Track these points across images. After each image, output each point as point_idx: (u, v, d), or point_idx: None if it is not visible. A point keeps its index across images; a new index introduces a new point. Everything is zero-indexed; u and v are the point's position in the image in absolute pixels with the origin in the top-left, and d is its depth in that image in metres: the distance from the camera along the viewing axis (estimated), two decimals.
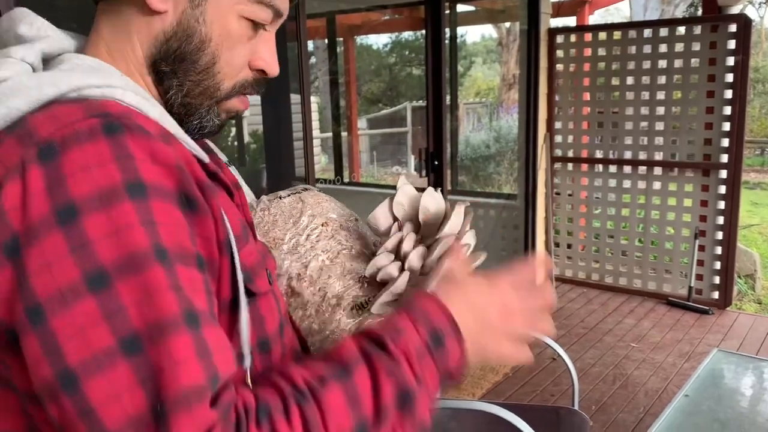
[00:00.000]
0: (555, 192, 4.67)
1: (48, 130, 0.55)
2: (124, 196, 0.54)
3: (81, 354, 0.51)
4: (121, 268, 0.52)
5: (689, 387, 1.81)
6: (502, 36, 9.86)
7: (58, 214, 0.53)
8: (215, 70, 0.69)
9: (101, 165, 0.54)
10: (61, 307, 0.51)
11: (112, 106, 0.59)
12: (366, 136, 10.41)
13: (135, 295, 0.52)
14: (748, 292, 5.17)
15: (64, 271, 0.52)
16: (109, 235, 0.53)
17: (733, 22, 3.87)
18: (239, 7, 0.68)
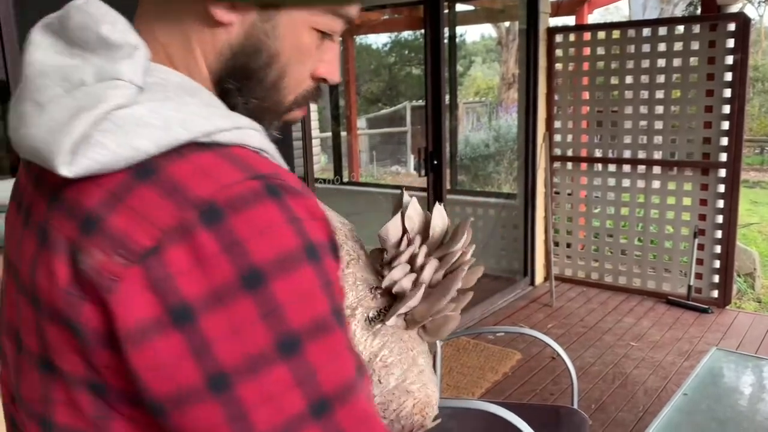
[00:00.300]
0: (554, 191, 4.67)
1: (205, 190, 0.51)
2: (303, 260, 0.52)
3: (273, 421, 0.50)
4: (310, 332, 0.52)
5: (688, 386, 1.81)
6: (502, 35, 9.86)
7: (244, 279, 0.50)
8: (281, 86, 0.64)
9: (276, 228, 0.51)
10: (251, 373, 0.50)
11: (259, 163, 0.55)
12: (365, 135, 10.41)
13: (322, 358, 0.52)
14: (748, 291, 5.18)
15: (254, 337, 0.50)
16: (297, 299, 0.51)
17: (732, 21, 3.88)
18: (313, 19, 0.62)
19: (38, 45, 0.59)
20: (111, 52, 0.56)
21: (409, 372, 0.95)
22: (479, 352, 3.52)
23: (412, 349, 0.97)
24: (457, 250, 1.00)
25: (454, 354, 3.49)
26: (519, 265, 4.68)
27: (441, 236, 1.03)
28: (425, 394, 0.95)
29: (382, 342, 0.95)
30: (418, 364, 0.97)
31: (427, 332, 1.02)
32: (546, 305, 4.29)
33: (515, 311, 4.20)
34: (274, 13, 0.60)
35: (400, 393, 0.93)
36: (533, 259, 4.63)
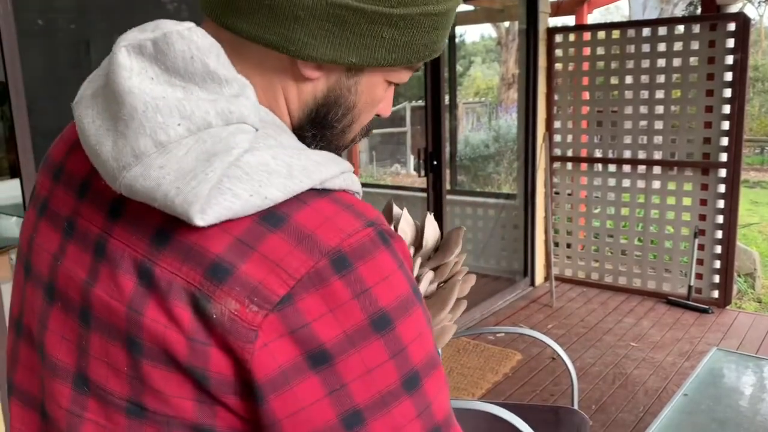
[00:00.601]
0: (554, 191, 4.67)
1: (333, 239, 0.53)
2: (415, 302, 0.56)
3: None
4: (426, 367, 0.56)
5: (688, 386, 1.81)
6: (501, 35, 9.86)
7: (373, 324, 0.53)
8: (350, 130, 0.67)
9: (394, 275, 0.55)
10: (382, 409, 0.53)
11: (368, 210, 0.58)
12: None
13: (435, 390, 0.57)
14: (748, 291, 5.17)
15: (385, 376, 0.53)
16: (416, 339, 0.55)
17: (732, 21, 3.87)
18: (390, 74, 0.65)
19: (130, 69, 0.55)
20: (220, 87, 0.55)
21: None
22: (479, 352, 3.52)
23: None
24: (452, 261, 1.02)
25: (454, 355, 3.48)
26: (519, 265, 4.67)
27: (434, 246, 1.05)
28: None
29: None
30: None
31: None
32: (546, 305, 4.28)
33: (515, 311, 4.19)
34: (359, 72, 0.62)
35: None
36: (533, 260, 4.62)
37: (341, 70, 0.61)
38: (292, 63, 0.59)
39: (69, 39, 3.72)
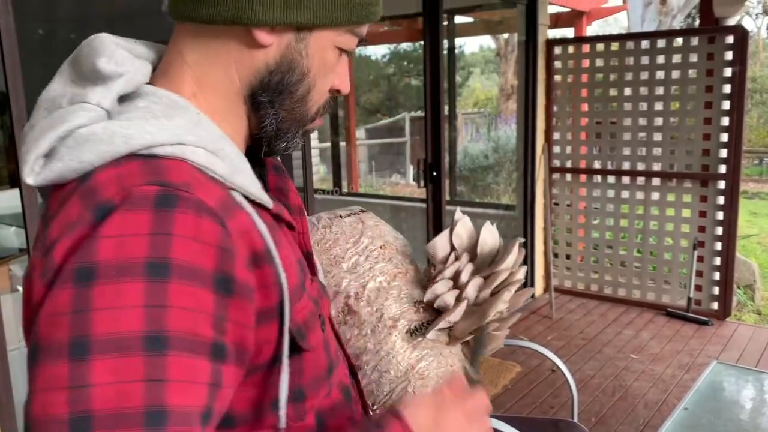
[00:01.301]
0: (554, 202, 4.67)
1: (108, 191, 0.57)
2: (140, 274, 0.53)
3: (35, 410, 0.50)
4: (104, 344, 0.51)
5: (689, 400, 1.80)
6: (501, 47, 9.90)
7: (77, 271, 0.53)
8: (308, 98, 0.72)
9: (133, 237, 0.54)
10: (44, 358, 0.52)
11: (177, 172, 0.59)
12: (364, 146, 10.42)
13: (105, 376, 0.51)
14: (748, 303, 5.16)
15: (56, 326, 0.52)
16: (106, 309, 0.52)
17: (730, 34, 3.89)
18: (336, 39, 0.70)
19: (60, 74, 0.67)
20: (104, 82, 0.64)
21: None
22: None
23: (452, 365, 0.98)
24: (503, 270, 1.00)
25: None
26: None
27: (491, 255, 1.03)
28: None
29: (420, 354, 0.96)
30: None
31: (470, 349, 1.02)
32: (546, 317, 4.27)
33: (515, 323, 4.18)
34: (307, 35, 0.68)
35: None
36: (533, 271, 4.62)
37: (291, 36, 0.67)
38: (246, 34, 0.66)
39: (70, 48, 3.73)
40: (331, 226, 1.02)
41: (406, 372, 0.95)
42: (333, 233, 1.00)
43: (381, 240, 1.01)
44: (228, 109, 0.70)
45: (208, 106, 0.68)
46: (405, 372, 0.95)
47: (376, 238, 1.01)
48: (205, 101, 0.68)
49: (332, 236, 1.00)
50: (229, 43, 0.67)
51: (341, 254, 0.99)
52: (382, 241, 1.01)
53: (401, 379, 0.95)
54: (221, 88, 0.68)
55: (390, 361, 0.95)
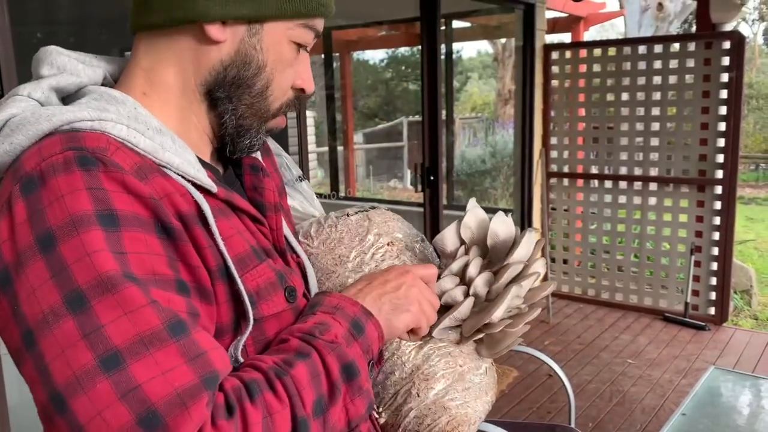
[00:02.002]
0: (551, 207, 4.67)
1: (30, 164, 0.59)
2: (94, 223, 0.57)
3: (64, 374, 0.53)
4: (94, 289, 0.55)
5: (686, 406, 1.79)
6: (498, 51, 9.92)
7: (39, 242, 0.56)
8: (268, 93, 0.73)
9: (73, 193, 0.57)
10: (45, 329, 0.54)
11: (91, 140, 0.61)
12: (362, 150, 10.43)
13: (112, 313, 0.54)
14: (745, 308, 5.16)
15: (46, 295, 0.55)
16: (82, 257, 0.55)
17: (727, 39, 3.90)
18: (290, 32, 0.72)
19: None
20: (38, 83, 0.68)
21: (452, 387, 0.92)
22: None
23: (461, 365, 0.93)
24: (515, 263, 0.93)
25: None
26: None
27: (506, 247, 0.96)
28: (464, 412, 0.92)
29: (426, 355, 0.92)
30: (466, 380, 0.93)
31: (484, 347, 0.97)
32: (543, 321, 4.26)
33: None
34: (259, 29, 0.70)
35: (437, 408, 0.91)
36: None
37: (243, 30, 0.69)
38: (199, 33, 0.69)
39: None
40: (336, 225, 0.98)
41: (411, 373, 0.91)
42: (338, 232, 0.97)
43: (388, 237, 0.98)
44: (185, 107, 0.72)
45: (162, 103, 0.71)
46: (410, 373, 0.91)
47: (383, 235, 0.97)
48: (158, 99, 0.71)
49: (337, 235, 0.97)
50: (181, 44, 0.70)
51: (346, 253, 0.96)
52: (390, 238, 0.98)
53: (406, 381, 0.92)
54: (175, 86, 0.71)
55: (395, 362, 0.92)
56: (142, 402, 0.53)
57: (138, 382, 0.53)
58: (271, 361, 0.64)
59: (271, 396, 0.60)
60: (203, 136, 0.75)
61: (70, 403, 0.52)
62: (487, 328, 0.92)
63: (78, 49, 0.75)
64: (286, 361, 0.64)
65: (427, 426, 0.90)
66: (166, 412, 0.53)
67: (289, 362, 0.64)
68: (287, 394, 0.61)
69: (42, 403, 0.54)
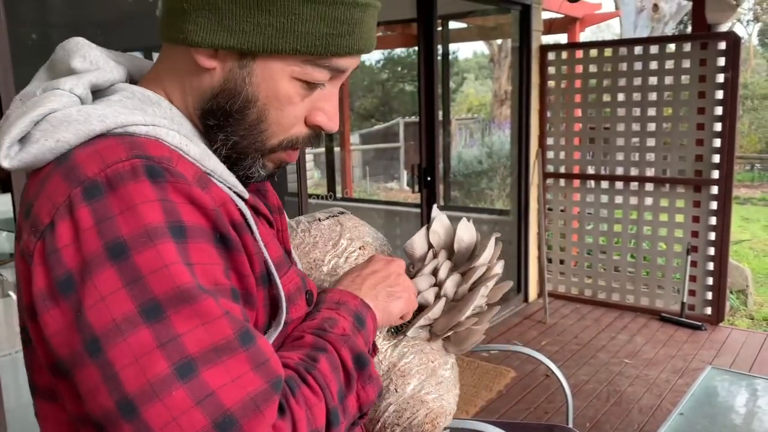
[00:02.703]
0: (547, 208, 4.68)
1: (92, 168, 0.58)
2: (167, 235, 0.57)
3: (138, 381, 0.53)
4: (171, 300, 0.55)
5: (684, 405, 1.80)
6: (494, 52, 9.93)
7: (109, 251, 0.55)
8: (262, 128, 0.70)
9: (146, 204, 0.57)
10: (117, 337, 0.54)
11: (154, 148, 0.61)
12: (358, 151, 10.43)
13: (189, 323, 0.56)
14: (741, 308, 5.18)
15: (118, 304, 0.55)
16: (159, 269, 0.56)
17: (722, 40, 3.91)
18: (290, 69, 0.67)
19: (36, 78, 0.70)
20: (78, 77, 0.66)
21: (427, 382, 0.98)
22: (473, 370, 3.50)
23: (433, 361, 0.99)
24: (480, 265, 1.01)
25: None
26: (512, 281, 4.66)
27: (469, 250, 1.05)
28: (440, 404, 0.98)
29: (401, 352, 0.98)
30: (438, 375, 0.99)
31: (451, 344, 1.04)
32: (540, 322, 4.27)
33: (509, 328, 4.18)
34: (250, 62, 0.67)
35: (415, 402, 0.96)
36: (526, 276, 4.62)
37: (234, 61, 0.67)
38: (192, 56, 0.67)
39: None
40: (309, 229, 1.02)
41: (388, 371, 0.96)
42: (312, 236, 1.01)
43: (360, 241, 1.02)
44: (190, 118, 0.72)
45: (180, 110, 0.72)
46: (387, 371, 0.96)
47: (355, 240, 1.02)
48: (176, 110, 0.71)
49: (311, 240, 1.01)
50: (182, 63, 0.69)
51: (321, 257, 0.99)
52: (362, 242, 1.03)
53: (383, 378, 0.96)
54: (180, 100, 0.71)
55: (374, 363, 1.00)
56: (218, 407, 0.54)
57: (212, 389, 0.54)
58: (297, 357, 0.66)
59: (307, 390, 0.63)
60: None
61: (142, 410, 0.53)
62: (455, 327, 1.00)
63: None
64: (310, 356, 0.67)
65: (407, 419, 0.96)
66: (241, 415, 0.55)
67: (313, 357, 0.67)
68: (319, 386, 0.64)
69: (105, 410, 0.54)
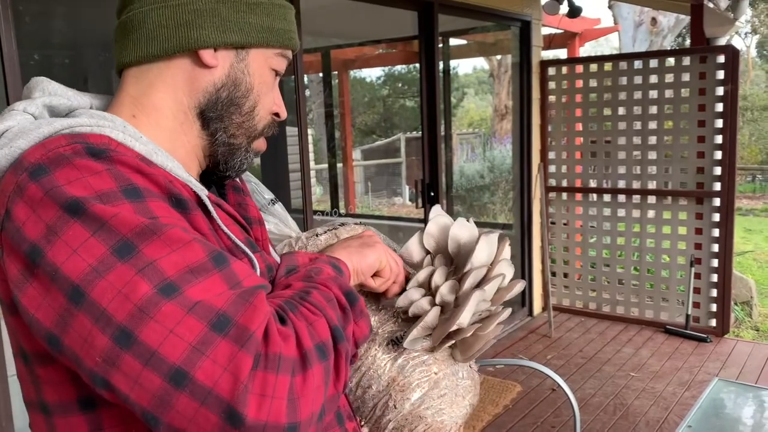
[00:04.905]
0: (550, 221, 4.69)
1: (35, 155, 0.63)
2: (121, 197, 0.61)
3: (126, 309, 0.56)
4: (140, 235, 0.59)
5: (692, 418, 1.80)
6: (494, 68, 10.00)
7: (66, 209, 0.59)
8: (255, 113, 0.81)
9: (93, 175, 0.61)
10: (96, 279, 0.57)
11: (95, 137, 0.66)
12: (360, 167, 10.46)
13: (161, 252, 0.59)
14: (745, 319, 5.17)
15: (90, 250, 0.58)
16: (116, 215, 0.59)
17: (721, 53, 3.95)
18: (270, 60, 0.81)
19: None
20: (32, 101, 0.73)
21: (428, 396, 0.93)
22: None
23: (436, 372, 0.94)
24: (476, 268, 0.93)
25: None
26: (517, 295, 4.66)
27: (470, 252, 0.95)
28: (439, 419, 0.94)
29: (401, 366, 0.93)
30: (441, 386, 0.95)
31: (458, 352, 0.98)
32: (545, 336, 4.27)
33: (514, 342, 4.17)
34: (245, 55, 0.79)
35: (413, 418, 0.93)
36: (531, 290, 4.62)
37: (232, 56, 0.78)
38: (192, 62, 0.76)
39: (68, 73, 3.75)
40: (306, 246, 1.00)
41: (388, 386, 0.93)
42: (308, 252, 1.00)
43: None
44: (175, 128, 0.77)
45: (151, 124, 0.76)
46: (386, 386, 0.93)
47: None
48: (147, 121, 0.76)
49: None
50: (173, 71, 0.76)
51: None
52: None
53: (383, 394, 0.93)
54: (166, 108, 0.77)
55: (372, 376, 0.94)
56: (210, 310, 0.57)
57: (199, 299, 0.57)
58: (288, 294, 0.69)
59: (305, 310, 0.65)
60: (192, 155, 0.80)
61: (137, 334, 0.55)
62: (458, 334, 0.93)
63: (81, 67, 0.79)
64: (302, 291, 0.70)
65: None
66: (234, 311, 0.58)
67: (305, 291, 0.70)
68: (317, 308, 0.66)
69: (103, 351, 0.56)
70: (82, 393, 0.66)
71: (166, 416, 0.56)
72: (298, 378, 0.59)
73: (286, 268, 0.79)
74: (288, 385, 0.58)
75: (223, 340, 0.56)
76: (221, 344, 0.56)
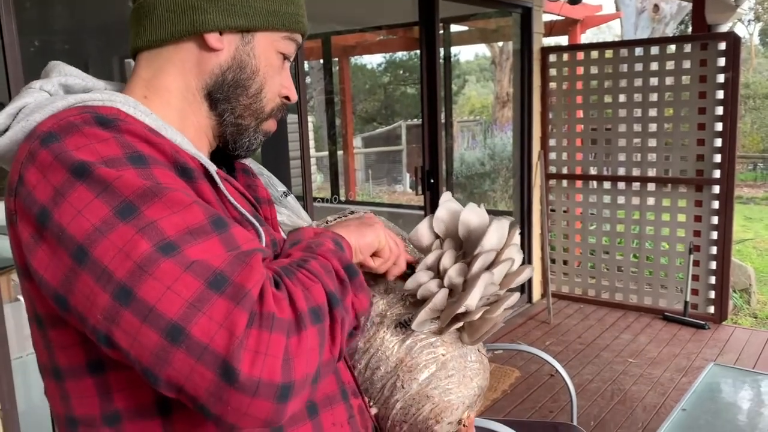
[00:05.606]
0: (550, 208, 4.70)
1: (47, 125, 0.66)
2: (126, 162, 0.63)
3: (125, 266, 0.58)
4: (141, 197, 0.61)
5: (686, 401, 1.82)
6: (496, 55, 9.96)
7: (73, 172, 0.61)
8: (262, 95, 0.83)
9: (101, 142, 0.64)
10: (99, 238, 0.59)
11: (105, 109, 0.69)
12: (361, 154, 10.45)
13: (161, 213, 0.60)
14: (744, 307, 5.19)
15: (94, 212, 0.60)
16: (119, 177, 0.61)
17: (722, 40, 3.94)
18: (276, 44, 0.83)
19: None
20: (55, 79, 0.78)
21: (435, 376, 0.95)
22: None
23: (444, 354, 0.96)
24: (486, 251, 0.95)
25: None
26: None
27: (480, 237, 0.97)
28: (446, 399, 0.95)
29: (408, 347, 0.95)
30: (448, 368, 0.96)
31: (466, 335, 1.00)
32: (544, 322, 4.29)
33: (513, 328, 4.20)
34: (251, 38, 0.81)
35: (420, 398, 0.94)
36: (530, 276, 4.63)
37: (238, 40, 0.80)
38: (198, 45, 0.78)
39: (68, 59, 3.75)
40: None
41: (396, 367, 0.95)
42: None
43: None
44: (184, 108, 0.80)
45: (162, 104, 0.79)
46: (394, 367, 0.95)
47: None
48: (158, 101, 0.79)
49: None
50: (182, 54, 0.79)
51: None
52: None
53: (391, 374, 0.95)
54: (176, 90, 0.79)
55: (380, 358, 0.96)
56: (207, 268, 0.58)
57: (197, 258, 0.59)
58: (287, 261, 0.70)
59: (302, 276, 0.66)
60: (201, 135, 0.83)
61: (136, 290, 0.57)
62: (465, 317, 0.95)
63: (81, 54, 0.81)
64: (301, 259, 0.71)
65: (413, 415, 0.94)
66: (231, 271, 0.59)
67: (303, 259, 0.71)
68: (314, 275, 0.67)
69: (104, 309, 0.58)
70: (91, 356, 0.68)
71: (164, 373, 0.57)
72: (293, 339, 0.60)
73: (291, 242, 0.80)
74: (283, 345, 0.59)
75: (220, 298, 0.57)
76: (218, 301, 0.57)
